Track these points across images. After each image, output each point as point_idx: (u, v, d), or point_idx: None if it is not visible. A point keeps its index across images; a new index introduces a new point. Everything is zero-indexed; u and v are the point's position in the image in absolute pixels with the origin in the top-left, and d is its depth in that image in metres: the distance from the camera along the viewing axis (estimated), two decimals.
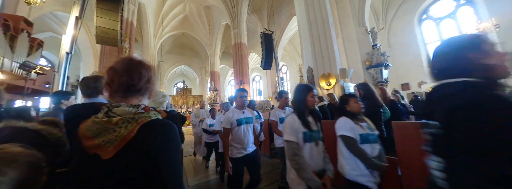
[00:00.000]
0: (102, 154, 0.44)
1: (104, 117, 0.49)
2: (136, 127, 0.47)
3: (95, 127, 0.47)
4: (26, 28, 5.48)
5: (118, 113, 0.49)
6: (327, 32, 5.44)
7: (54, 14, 9.61)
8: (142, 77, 0.54)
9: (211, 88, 13.90)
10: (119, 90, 0.53)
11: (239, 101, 1.88)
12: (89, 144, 0.45)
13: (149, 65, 0.58)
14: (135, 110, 0.51)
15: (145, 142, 0.46)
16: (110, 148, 0.44)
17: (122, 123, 0.47)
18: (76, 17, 3.39)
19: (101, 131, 0.46)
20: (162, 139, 0.48)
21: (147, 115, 0.51)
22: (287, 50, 14.64)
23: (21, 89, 5.71)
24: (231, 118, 1.78)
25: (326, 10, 5.58)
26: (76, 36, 3.42)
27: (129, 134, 0.46)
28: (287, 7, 11.10)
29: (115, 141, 0.45)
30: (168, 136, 0.49)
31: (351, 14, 7.09)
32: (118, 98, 0.53)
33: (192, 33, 16.33)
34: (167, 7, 13.12)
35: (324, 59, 5.40)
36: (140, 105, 0.54)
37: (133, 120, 0.48)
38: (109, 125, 0.47)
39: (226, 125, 1.75)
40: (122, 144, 0.45)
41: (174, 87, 21.17)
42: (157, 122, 0.51)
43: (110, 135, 0.45)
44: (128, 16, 7.76)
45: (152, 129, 0.48)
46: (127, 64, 0.53)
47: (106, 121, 0.47)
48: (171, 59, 18.91)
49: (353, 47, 6.90)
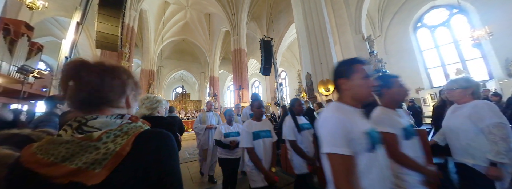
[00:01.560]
0: (86, 180, 0.33)
1: (74, 133, 0.39)
2: (130, 139, 0.39)
3: (62, 148, 0.36)
4: (27, 32, 5.51)
5: (96, 126, 0.40)
6: (325, 39, 5.54)
7: (56, 19, 9.73)
8: (111, 86, 0.44)
9: (210, 93, 13.88)
10: (83, 107, 0.43)
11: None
12: (59, 172, 0.33)
13: (115, 66, 0.46)
14: (120, 121, 0.44)
15: (144, 156, 0.39)
16: (98, 170, 0.34)
17: (108, 138, 0.38)
18: (78, 22, 3.42)
19: (75, 152, 0.35)
20: (163, 151, 0.42)
21: (138, 125, 0.45)
22: (286, 57, 14.83)
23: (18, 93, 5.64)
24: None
25: (323, 18, 5.72)
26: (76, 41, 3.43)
27: (124, 149, 0.38)
28: (285, 15, 11.39)
29: (105, 160, 0.35)
30: (168, 147, 0.43)
31: (348, 22, 7.28)
32: (89, 111, 0.44)
33: (192, 39, 16.56)
34: (168, 14, 13.39)
35: (322, 66, 5.46)
36: (124, 114, 0.46)
37: (122, 132, 0.40)
38: (88, 142, 0.37)
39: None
40: (117, 162, 0.36)
41: (173, 92, 21.10)
42: (153, 133, 0.44)
43: (93, 155, 0.35)
44: (129, 22, 7.88)
45: (149, 141, 0.41)
46: (84, 74, 0.41)
47: (83, 138, 0.37)
48: (171, 64, 19.00)
49: (350, 54, 7.02)
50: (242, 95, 10.42)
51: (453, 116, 1.35)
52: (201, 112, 3.40)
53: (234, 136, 2.17)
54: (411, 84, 9.02)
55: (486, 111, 1.16)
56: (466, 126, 1.23)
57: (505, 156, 1.07)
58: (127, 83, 0.47)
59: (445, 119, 1.42)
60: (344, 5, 7.43)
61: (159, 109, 1.40)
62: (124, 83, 0.47)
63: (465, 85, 1.30)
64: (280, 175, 3.09)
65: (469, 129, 1.22)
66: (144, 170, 0.38)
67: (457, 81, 1.34)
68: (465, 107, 1.28)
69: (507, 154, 1.07)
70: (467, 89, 1.29)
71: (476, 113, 1.19)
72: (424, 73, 8.95)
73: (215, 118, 3.31)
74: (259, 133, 1.61)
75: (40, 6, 4.54)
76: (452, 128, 1.34)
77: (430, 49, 8.96)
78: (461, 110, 1.30)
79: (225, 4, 11.58)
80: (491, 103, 1.21)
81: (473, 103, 1.25)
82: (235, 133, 2.21)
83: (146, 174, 0.38)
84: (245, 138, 1.59)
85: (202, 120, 3.22)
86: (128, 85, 0.48)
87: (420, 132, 1.60)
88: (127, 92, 0.48)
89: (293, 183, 2.74)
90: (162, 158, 0.41)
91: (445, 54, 8.46)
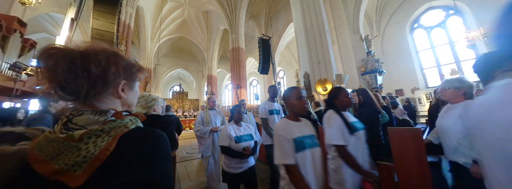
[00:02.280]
0: (69, 181, 0.32)
1: (61, 130, 0.37)
2: (111, 142, 0.36)
3: (50, 146, 0.35)
4: (19, 28, 5.38)
5: (80, 123, 0.37)
6: (323, 39, 5.56)
7: (50, 15, 9.51)
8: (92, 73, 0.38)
9: (208, 92, 13.82)
10: (64, 100, 0.39)
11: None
12: (45, 169, 0.33)
13: (90, 53, 0.39)
14: (103, 118, 0.39)
15: (130, 161, 0.36)
16: (79, 172, 0.33)
17: (89, 138, 0.35)
18: (72, 19, 3.35)
19: (60, 152, 0.34)
20: (154, 155, 0.38)
21: (121, 124, 0.40)
22: (284, 56, 14.84)
23: (10, 90, 5.52)
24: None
25: (322, 18, 5.73)
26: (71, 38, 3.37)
27: (103, 152, 0.34)
28: (284, 14, 11.37)
29: (84, 163, 0.33)
30: (158, 149, 0.39)
31: (346, 22, 7.31)
32: (77, 104, 0.40)
33: (190, 37, 16.41)
34: (165, 11, 13.22)
35: (320, 65, 5.48)
36: (108, 110, 0.41)
37: (103, 132, 0.37)
38: (70, 142, 0.35)
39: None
40: (95, 166, 0.33)
41: (170, 91, 20.94)
42: (141, 132, 0.40)
43: (74, 156, 0.34)
44: (125, 18, 7.75)
45: (137, 143, 0.38)
46: (70, 58, 0.37)
47: (66, 137, 0.35)
48: (168, 63, 18.82)
49: (348, 53, 7.07)
50: (240, 94, 10.41)
51: (446, 116, 1.38)
52: (202, 111, 2.80)
53: (247, 141, 1.71)
54: (407, 84, 9.16)
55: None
56: (457, 126, 1.26)
57: None
58: (107, 70, 0.40)
59: (438, 119, 1.45)
60: (342, 5, 7.46)
61: (155, 107, 1.39)
62: (104, 70, 0.39)
63: (458, 85, 1.33)
64: None
65: (460, 128, 1.25)
66: (130, 174, 0.35)
67: (451, 81, 1.37)
68: (457, 107, 1.31)
69: None
70: (459, 89, 1.32)
71: (466, 113, 1.22)
72: (420, 73, 9.08)
73: (219, 117, 2.76)
74: (303, 140, 1.01)
75: (33, 1, 4.43)
76: (444, 127, 1.37)
77: (426, 49, 9.09)
78: (453, 110, 1.33)
79: (223, 2, 11.49)
80: None
81: (465, 103, 1.28)
82: (248, 136, 1.74)
83: (133, 179, 0.36)
84: (284, 148, 0.98)
85: (205, 120, 2.63)
86: (109, 72, 0.40)
87: (415, 131, 1.64)
88: (110, 81, 0.41)
89: None
90: (153, 162, 0.38)
91: (441, 54, 8.58)
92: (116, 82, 0.43)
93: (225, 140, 1.66)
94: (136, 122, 0.44)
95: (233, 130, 1.73)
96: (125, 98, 0.46)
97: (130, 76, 0.46)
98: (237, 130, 1.75)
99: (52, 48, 0.37)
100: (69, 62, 0.37)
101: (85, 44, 0.40)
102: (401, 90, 9.32)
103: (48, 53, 0.37)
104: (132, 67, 0.46)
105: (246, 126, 1.86)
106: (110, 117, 0.40)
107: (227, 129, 1.71)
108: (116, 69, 0.41)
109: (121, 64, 0.42)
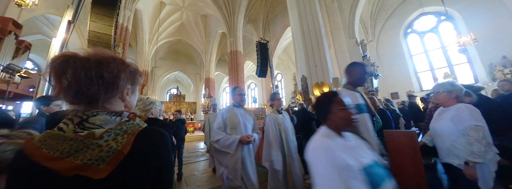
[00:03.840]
0: (92, 174, 0.36)
1: (76, 130, 0.40)
2: (131, 139, 0.42)
3: (66, 144, 0.38)
4: (14, 30, 5.32)
5: (98, 123, 0.42)
6: (320, 43, 5.65)
7: (46, 17, 9.44)
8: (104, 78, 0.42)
9: (206, 95, 13.77)
10: (77, 104, 0.43)
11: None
12: (64, 166, 0.36)
13: (102, 61, 0.43)
14: (119, 118, 0.45)
15: (144, 153, 0.42)
16: (102, 166, 0.37)
17: (109, 136, 0.40)
18: (69, 21, 3.34)
19: (78, 149, 0.37)
20: (161, 149, 0.45)
21: (136, 124, 0.46)
22: (282, 59, 14.97)
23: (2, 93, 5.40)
24: None
25: (318, 22, 5.85)
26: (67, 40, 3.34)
27: (125, 147, 0.40)
28: (281, 18, 11.56)
29: (108, 157, 0.38)
30: (165, 144, 0.47)
31: (342, 26, 7.48)
32: (87, 107, 0.44)
33: (188, 40, 16.45)
34: (164, 15, 13.28)
35: (317, 68, 5.54)
36: (123, 112, 0.47)
37: (122, 131, 0.42)
38: (91, 140, 0.39)
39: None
40: (119, 160, 0.39)
41: (167, 94, 20.77)
42: (152, 131, 0.46)
43: (95, 152, 0.38)
44: (123, 21, 7.75)
45: (149, 140, 0.44)
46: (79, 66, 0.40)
47: (86, 136, 0.39)
48: (166, 65, 18.75)
49: (344, 57, 7.19)
50: None
51: (439, 119, 1.41)
52: (225, 111, 1.77)
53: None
54: (402, 87, 9.32)
55: (466, 114, 1.24)
56: (450, 128, 1.29)
57: (478, 157, 1.14)
58: (118, 77, 0.45)
59: (432, 121, 1.48)
60: (338, 10, 7.64)
61: (153, 111, 1.38)
62: (115, 77, 0.44)
63: (450, 89, 1.37)
64: None
65: (453, 131, 1.28)
66: (145, 165, 0.41)
67: (443, 85, 1.41)
68: (449, 110, 1.34)
69: (481, 154, 1.13)
70: (451, 93, 1.36)
71: (457, 116, 1.26)
72: (414, 77, 9.27)
73: (250, 119, 1.84)
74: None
75: (30, 3, 4.40)
76: (437, 130, 1.40)
77: (419, 54, 9.32)
78: (446, 113, 1.36)
79: (221, 6, 11.63)
80: (472, 107, 1.27)
81: (457, 106, 1.32)
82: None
83: (147, 169, 0.42)
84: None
85: (230, 124, 1.68)
86: (120, 78, 0.45)
87: (411, 133, 1.67)
88: (120, 86, 0.46)
89: None
90: (161, 155, 0.45)
91: (434, 58, 8.81)
92: (124, 87, 0.48)
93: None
94: (142, 123, 0.50)
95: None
96: (129, 101, 0.51)
97: (133, 81, 0.51)
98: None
99: (70, 56, 0.41)
100: (86, 70, 0.40)
101: (92, 51, 0.44)
102: (396, 93, 9.47)
103: (66, 61, 0.40)
104: (136, 72, 0.52)
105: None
106: (125, 118, 0.47)
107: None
108: (125, 75, 0.46)
109: (128, 70, 0.48)
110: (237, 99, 1.85)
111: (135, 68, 0.51)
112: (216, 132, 1.67)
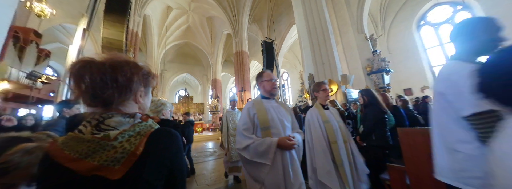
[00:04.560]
0: (109, 175, 0.38)
1: (94, 131, 0.42)
2: (143, 140, 0.43)
3: (84, 146, 0.40)
4: (35, 39, 5.71)
5: (113, 125, 0.43)
6: (327, 40, 5.53)
7: (63, 26, 10.04)
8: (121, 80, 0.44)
9: (213, 95, 13.96)
10: (94, 106, 0.45)
11: None
12: (83, 167, 0.38)
13: (116, 65, 0.44)
14: (132, 120, 0.46)
15: (157, 154, 0.43)
16: (117, 166, 0.38)
17: (123, 138, 0.42)
18: (84, 29, 3.52)
19: (95, 150, 0.39)
20: (173, 149, 0.46)
21: (148, 125, 0.47)
22: (288, 58, 14.84)
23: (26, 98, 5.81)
24: None
25: (325, 19, 5.72)
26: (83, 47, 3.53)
27: (137, 148, 0.41)
28: (286, 17, 11.44)
29: (122, 158, 0.39)
30: (177, 145, 0.47)
31: (349, 22, 7.26)
32: (103, 109, 0.46)
33: (194, 42, 16.78)
34: (171, 19, 13.64)
35: (325, 66, 5.43)
36: (136, 113, 0.48)
37: (135, 132, 0.44)
38: (106, 141, 0.40)
39: None
40: (133, 160, 0.40)
41: (176, 95, 21.30)
42: (163, 132, 0.47)
43: (110, 153, 0.39)
44: (133, 27, 8.05)
45: (161, 140, 0.45)
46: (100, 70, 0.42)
47: (102, 137, 0.41)
48: (174, 68, 19.25)
49: (353, 53, 6.97)
50: (245, 96, 10.45)
51: None
52: (251, 104, 1.30)
53: None
54: (416, 83, 8.88)
55: None
56: None
57: None
58: (132, 80, 0.46)
59: None
60: (345, 5, 7.42)
61: (164, 112, 1.43)
62: (129, 80, 0.45)
63: None
64: None
65: None
66: (157, 165, 0.42)
67: None
68: None
69: None
70: None
71: None
72: (429, 72, 8.80)
73: (287, 114, 1.35)
74: None
75: (48, 14, 4.70)
76: None
77: (434, 46, 8.83)
78: None
79: (226, 8, 11.74)
80: None
81: None
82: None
83: (159, 169, 0.43)
84: None
85: (261, 123, 1.22)
86: (133, 82, 0.46)
87: (426, 131, 1.58)
88: (134, 89, 0.47)
89: None
90: (172, 155, 0.45)
91: (451, 51, 8.31)
92: (137, 89, 0.49)
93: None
94: (155, 124, 0.51)
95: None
96: (142, 103, 0.52)
97: (146, 83, 0.52)
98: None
99: (87, 61, 0.43)
100: (101, 74, 0.42)
101: (107, 56, 0.46)
102: (410, 89, 9.05)
103: (84, 65, 0.42)
104: (149, 75, 0.52)
105: None
106: (138, 119, 0.47)
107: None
108: (138, 78, 0.47)
109: (140, 73, 0.48)
110: (267, 87, 1.31)
111: (148, 71, 0.52)
112: (242, 136, 1.18)
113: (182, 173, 0.48)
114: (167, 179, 0.44)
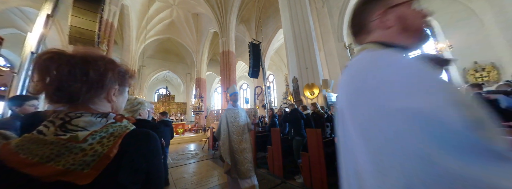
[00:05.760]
0: (76, 180, 0.34)
1: (58, 132, 0.37)
2: (117, 142, 0.39)
3: (46, 148, 0.35)
4: None
5: (81, 125, 0.39)
6: (311, 46, 5.80)
7: (21, 10, 8.71)
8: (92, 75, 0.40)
9: (197, 95, 13.48)
10: (57, 103, 0.40)
11: None
12: (45, 172, 0.33)
13: (88, 58, 0.41)
14: (105, 120, 0.42)
15: (133, 157, 0.40)
16: (86, 170, 0.35)
17: (93, 139, 0.38)
18: (48, 15, 3.10)
19: (60, 153, 0.35)
20: (150, 152, 0.43)
21: (123, 126, 0.44)
22: (274, 60, 15.12)
23: None
24: None
25: (309, 26, 5.99)
26: (45, 35, 3.10)
27: (111, 151, 0.38)
28: (274, 20, 11.68)
29: (93, 161, 0.35)
30: (154, 147, 0.45)
31: (331, 30, 7.73)
32: (69, 107, 0.41)
33: (178, 38, 16.04)
34: (152, 11, 12.84)
35: (308, 70, 5.67)
36: (109, 113, 0.44)
37: (108, 134, 0.40)
38: (74, 143, 0.36)
39: None
40: (105, 163, 0.36)
41: (156, 93, 20.06)
42: (140, 133, 0.44)
43: (78, 156, 0.35)
44: (108, 17, 7.37)
45: (137, 142, 0.42)
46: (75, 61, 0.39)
47: (69, 139, 0.36)
48: (154, 64, 18.11)
49: (333, 60, 7.44)
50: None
51: None
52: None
53: None
54: None
55: None
56: None
57: None
58: (105, 75, 0.42)
59: None
60: (327, 14, 7.89)
61: (141, 112, 1.33)
62: (102, 75, 0.42)
63: None
64: (267, 177, 3.10)
65: None
66: (133, 169, 0.39)
67: None
68: None
69: None
70: None
71: None
72: None
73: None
74: None
75: None
76: None
77: None
78: None
79: (214, 5, 11.50)
80: None
81: None
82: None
83: (136, 173, 0.40)
84: None
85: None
86: (106, 78, 0.43)
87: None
88: (106, 85, 0.43)
89: (279, 185, 2.77)
90: (149, 158, 0.43)
91: None
92: (110, 87, 0.45)
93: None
94: (130, 124, 0.47)
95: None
96: (115, 102, 0.48)
97: (122, 82, 0.49)
98: None
99: (56, 52, 0.39)
100: (70, 66, 0.39)
101: (82, 50, 0.42)
102: None
103: (51, 57, 0.38)
104: (126, 73, 0.49)
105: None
106: (111, 119, 0.44)
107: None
108: (112, 75, 0.44)
109: (116, 70, 0.45)
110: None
111: (126, 69, 0.49)
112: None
113: (160, 177, 0.45)
114: (144, 183, 0.41)
